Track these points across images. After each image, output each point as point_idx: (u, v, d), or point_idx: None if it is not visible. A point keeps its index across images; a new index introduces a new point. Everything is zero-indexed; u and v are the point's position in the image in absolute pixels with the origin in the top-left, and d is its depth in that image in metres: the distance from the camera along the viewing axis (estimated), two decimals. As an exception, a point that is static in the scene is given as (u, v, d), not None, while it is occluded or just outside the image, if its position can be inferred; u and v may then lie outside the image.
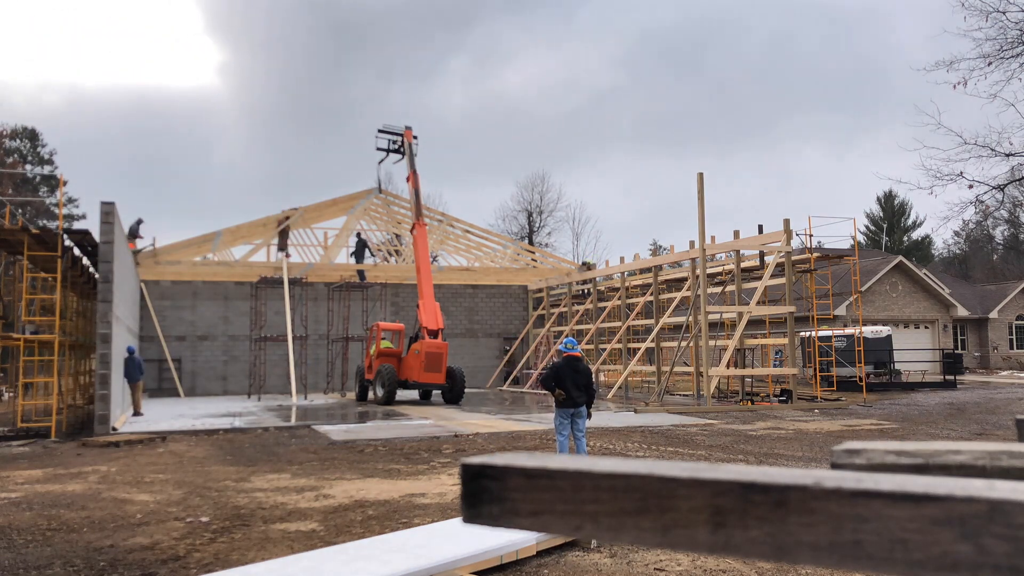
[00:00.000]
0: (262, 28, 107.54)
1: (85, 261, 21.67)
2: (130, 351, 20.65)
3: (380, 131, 29.92)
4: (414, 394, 27.37)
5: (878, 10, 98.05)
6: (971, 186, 17.23)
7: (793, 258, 23.98)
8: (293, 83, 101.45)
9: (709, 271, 25.76)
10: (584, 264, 37.02)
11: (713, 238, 24.74)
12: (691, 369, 25.39)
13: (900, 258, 40.41)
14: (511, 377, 34.35)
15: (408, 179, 29.35)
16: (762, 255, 25.25)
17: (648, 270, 29.71)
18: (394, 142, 29.81)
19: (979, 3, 16.36)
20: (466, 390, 26.66)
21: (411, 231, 29.56)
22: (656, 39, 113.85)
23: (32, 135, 61.56)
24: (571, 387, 10.66)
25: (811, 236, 28.22)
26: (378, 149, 30.04)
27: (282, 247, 32.48)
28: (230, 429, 17.48)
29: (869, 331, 30.62)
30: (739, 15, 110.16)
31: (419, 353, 24.76)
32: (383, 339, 26.83)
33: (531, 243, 57.56)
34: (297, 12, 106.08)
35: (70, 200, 59.97)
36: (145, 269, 30.89)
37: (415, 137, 29.68)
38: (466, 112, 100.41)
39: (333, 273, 32.91)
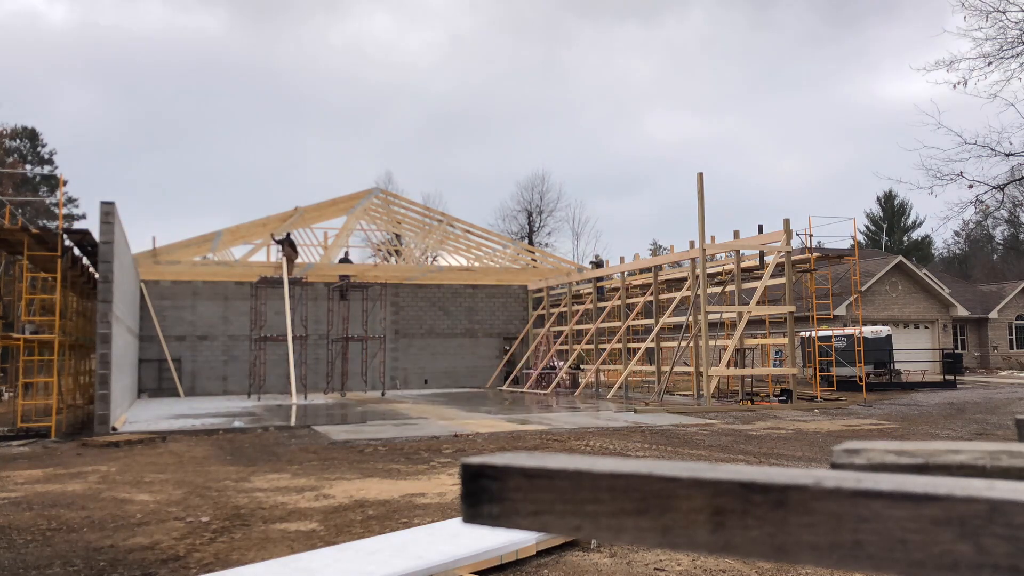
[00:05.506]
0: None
1: (85, 261, 21.68)
2: None
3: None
4: (413, 393, 27.37)
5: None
6: (971, 186, 17.23)
7: (793, 258, 23.97)
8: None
9: (709, 271, 25.75)
10: (593, 262, 36.35)
11: (713, 238, 24.72)
12: (691, 369, 25.39)
13: (900, 258, 40.41)
14: (511, 377, 34.32)
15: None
16: (762, 255, 25.24)
17: (648, 270, 29.70)
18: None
19: (979, 3, 16.36)
20: (466, 390, 26.65)
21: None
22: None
23: (32, 135, 61.50)
24: None
25: (811, 236, 28.22)
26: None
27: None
28: (230, 429, 17.48)
29: (869, 331, 30.62)
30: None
31: None
32: None
33: (531, 243, 57.57)
34: None
35: (70, 200, 60.00)
36: (145, 269, 30.88)
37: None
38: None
39: (333, 273, 32.91)
